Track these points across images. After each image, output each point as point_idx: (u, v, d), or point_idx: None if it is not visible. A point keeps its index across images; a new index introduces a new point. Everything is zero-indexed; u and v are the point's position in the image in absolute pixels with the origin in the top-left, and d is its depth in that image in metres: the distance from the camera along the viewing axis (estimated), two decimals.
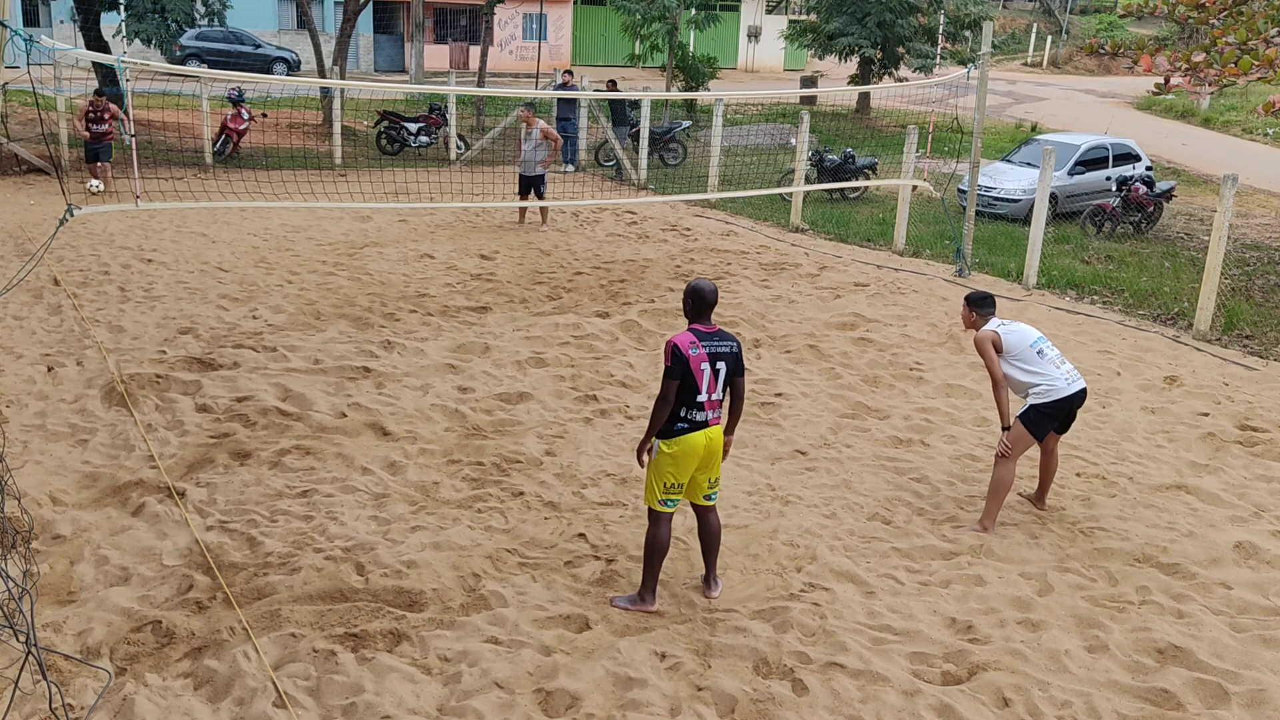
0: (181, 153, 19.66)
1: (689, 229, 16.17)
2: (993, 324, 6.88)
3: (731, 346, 5.65)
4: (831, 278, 13.26)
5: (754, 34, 48.90)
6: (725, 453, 5.77)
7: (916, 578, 6.16)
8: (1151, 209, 17.41)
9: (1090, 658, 5.42)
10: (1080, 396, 6.83)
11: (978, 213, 15.25)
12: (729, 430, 5.78)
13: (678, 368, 5.43)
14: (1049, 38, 53.06)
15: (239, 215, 15.38)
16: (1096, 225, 17.05)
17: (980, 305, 6.97)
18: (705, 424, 5.54)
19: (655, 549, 5.67)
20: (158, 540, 6.22)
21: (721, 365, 5.55)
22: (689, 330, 5.61)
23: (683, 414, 5.49)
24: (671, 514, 5.68)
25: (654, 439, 5.58)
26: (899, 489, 7.33)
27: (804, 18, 35.16)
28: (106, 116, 16.56)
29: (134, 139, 10.57)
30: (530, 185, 15.51)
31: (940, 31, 31.42)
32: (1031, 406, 6.75)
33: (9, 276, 9.95)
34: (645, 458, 5.66)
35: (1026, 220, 14.92)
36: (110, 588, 5.70)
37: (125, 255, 12.75)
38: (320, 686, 4.94)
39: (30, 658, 2.89)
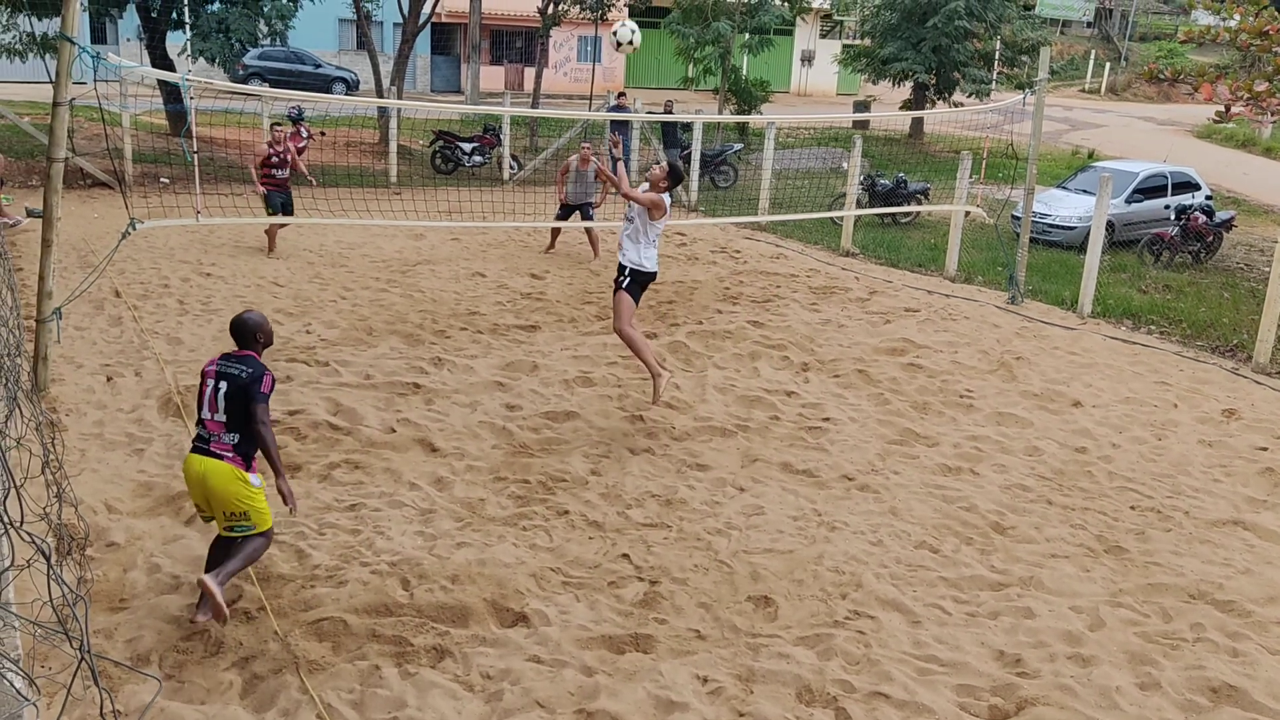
0: (242, 169, 20.02)
1: (739, 251, 16.16)
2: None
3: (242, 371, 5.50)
4: (882, 303, 13.18)
5: (807, 58, 48.92)
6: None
7: (964, 608, 6.07)
8: (1211, 238, 17.12)
9: (1142, 695, 5.31)
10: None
11: (1032, 240, 15.09)
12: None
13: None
14: (1107, 64, 52.52)
15: (295, 231, 15.62)
16: (1154, 254, 16.80)
17: (675, 177, 8.49)
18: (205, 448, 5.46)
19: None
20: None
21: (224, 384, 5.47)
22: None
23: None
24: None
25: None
26: (947, 518, 7.24)
27: (858, 42, 35.06)
28: (289, 156, 14.27)
29: (197, 155, 10.78)
30: (574, 211, 15.02)
31: (996, 57, 31.21)
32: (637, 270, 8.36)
33: (72, 288, 10.18)
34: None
35: (1082, 248, 14.74)
36: (161, 596, 5.79)
37: (185, 269, 13.00)
38: (364, 700, 4.98)
39: (83, 663, 2.94)
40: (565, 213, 15.12)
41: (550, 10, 27.11)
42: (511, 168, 22.43)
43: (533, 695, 5.04)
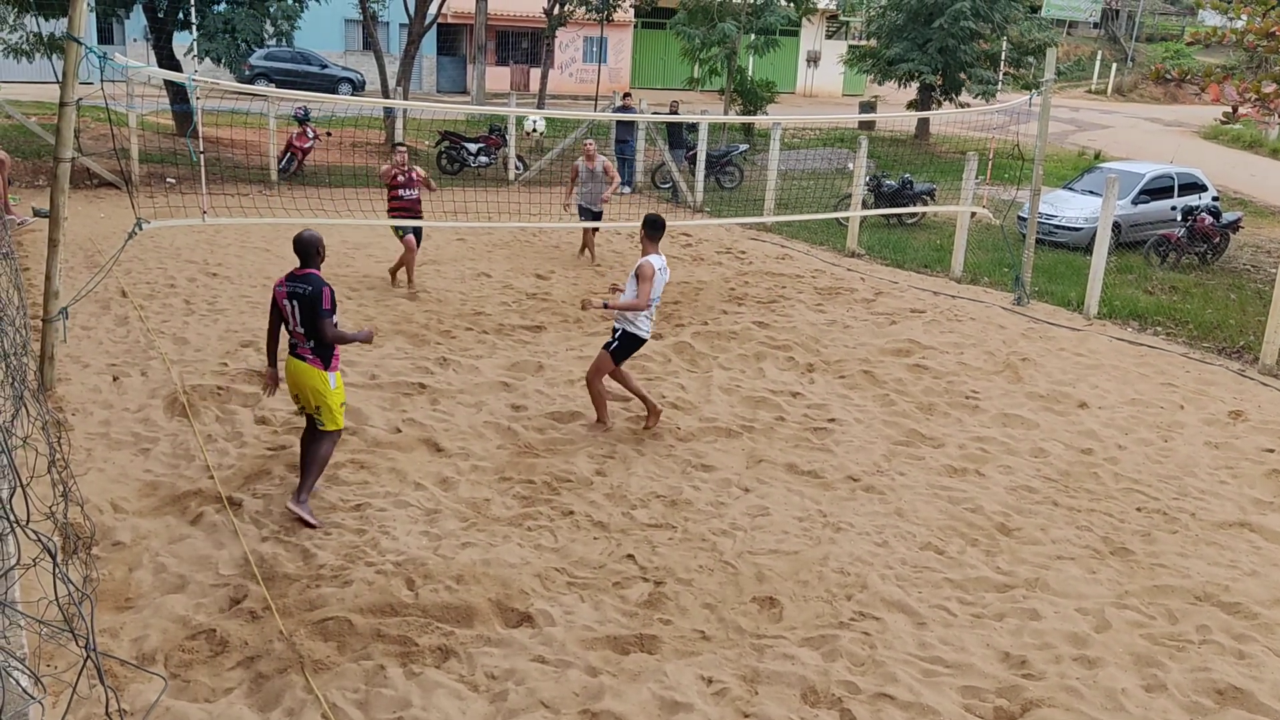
0: (248, 169, 20.06)
1: (744, 252, 16.15)
2: (657, 258, 8.46)
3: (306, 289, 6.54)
4: (887, 303, 13.17)
5: (813, 59, 48.90)
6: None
7: (969, 610, 6.06)
8: (1217, 240, 17.08)
9: (1148, 697, 5.30)
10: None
11: (1038, 241, 15.07)
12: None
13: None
14: (1114, 65, 52.42)
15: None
16: (1161, 255, 16.77)
17: (652, 228, 8.63)
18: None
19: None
20: (214, 550, 6.32)
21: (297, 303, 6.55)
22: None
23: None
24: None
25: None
26: (953, 519, 7.23)
27: (864, 43, 35.03)
28: (416, 178, 12.56)
29: (202, 155, 10.80)
30: (592, 218, 14.70)
31: (1002, 58, 31.18)
32: (628, 334, 8.37)
33: (79, 287, 10.20)
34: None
35: (1088, 249, 14.71)
36: (167, 595, 5.80)
37: (191, 269, 13.03)
38: (368, 700, 4.98)
39: (89, 662, 2.94)
40: (587, 218, 14.74)
41: (556, 11, 27.11)
42: (517, 168, 22.45)
43: (537, 695, 5.04)
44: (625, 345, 8.45)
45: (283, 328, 6.78)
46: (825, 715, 5.04)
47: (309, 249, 6.61)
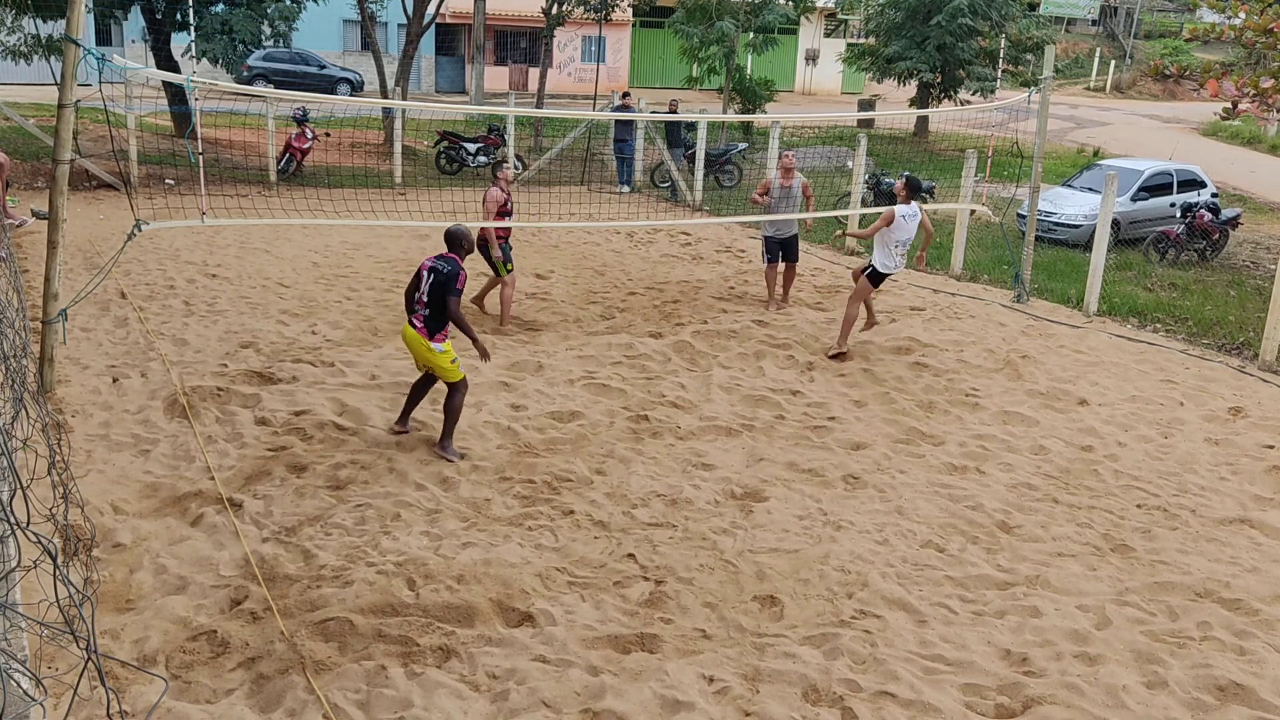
0: (247, 170, 20.06)
1: (743, 250, 16.14)
2: (905, 206, 10.39)
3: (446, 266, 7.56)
4: (887, 301, 13.16)
5: (812, 57, 48.89)
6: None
7: (970, 607, 6.07)
8: (1217, 236, 17.08)
9: (1149, 694, 5.30)
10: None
11: (1037, 238, 15.07)
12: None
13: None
14: (1112, 62, 52.42)
15: (301, 232, 15.65)
16: (1160, 252, 16.77)
17: (912, 188, 10.59)
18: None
19: (412, 387, 8.25)
20: (215, 551, 6.32)
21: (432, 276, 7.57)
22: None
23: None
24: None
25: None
26: (953, 517, 7.23)
27: (862, 41, 35.03)
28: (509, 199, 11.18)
29: (201, 156, 10.80)
30: (783, 248, 12.52)
31: (1001, 55, 31.18)
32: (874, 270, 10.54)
33: (78, 289, 10.20)
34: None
35: (1087, 246, 14.71)
36: (167, 596, 5.80)
37: (190, 270, 13.02)
38: (369, 700, 4.98)
39: (89, 664, 2.94)
40: (774, 250, 12.54)
41: (554, 10, 27.11)
42: (516, 168, 22.45)
43: (539, 695, 5.04)
44: (872, 277, 10.67)
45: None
46: (827, 714, 5.04)
47: (455, 239, 7.74)
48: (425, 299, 7.61)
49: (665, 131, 22.49)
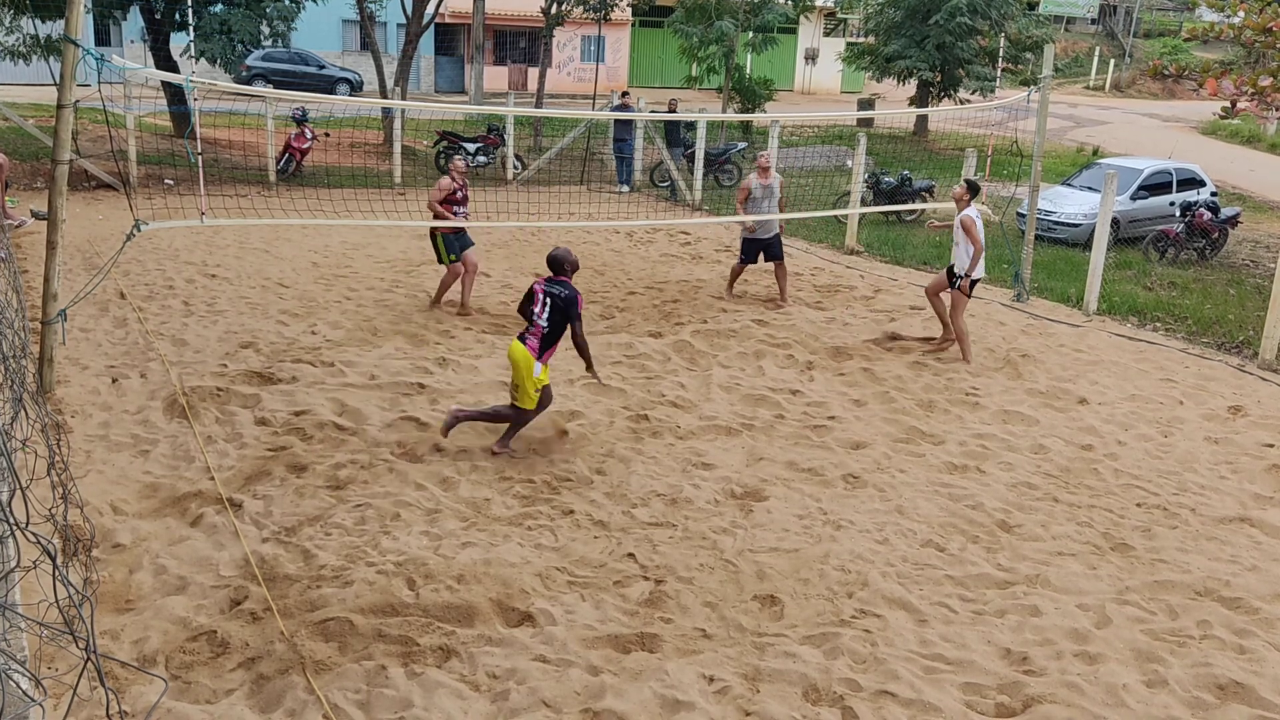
0: (246, 170, 20.05)
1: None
2: (972, 210, 10.56)
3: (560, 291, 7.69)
4: (886, 300, 13.16)
5: (811, 56, 48.88)
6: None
7: (970, 606, 6.06)
8: (1216, 235, 17.08)
9: (1149, 693, 5.30)
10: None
11: (1037, 237, 15.05)
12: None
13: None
14: (1112, 61, 52.42)
15: (300, 232, 15.64)
16: (1160, 251, 16.77)
17: (973, 190, 10.93)
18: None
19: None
20: (215, 551, 6.32)
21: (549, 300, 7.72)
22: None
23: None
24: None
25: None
26: (954, 516, 7.23)
27: (862, 40, 35.02)
28: (468, 192, 11.63)
29: (200, 157, 10.80)
30: (765, 249, 12.78)
31: (1000, 54, 31.18)
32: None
33: (77, 289, 10.20)
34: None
35: (1087, 245, 14.71)
36: (167, 597, 5.80)
37: (189, 270, 13.02)
38: (370, 700, 4.98)
39: (89, 664, 2.94)
40: (752, 251, 12.82)
41: (553, 10, 27.10)
42: (515, 167, 22.45)
43: (539, 695, 5.04)
44: (968, 286, 10.73)
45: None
46: (827, 713, 5.04)
47: (559, 263, 7.81)
48: (544, 324, 7.72)
49: (664, 131, 22.49)
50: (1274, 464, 8.36)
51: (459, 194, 11.42)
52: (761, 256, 12.79)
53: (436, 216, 11.40)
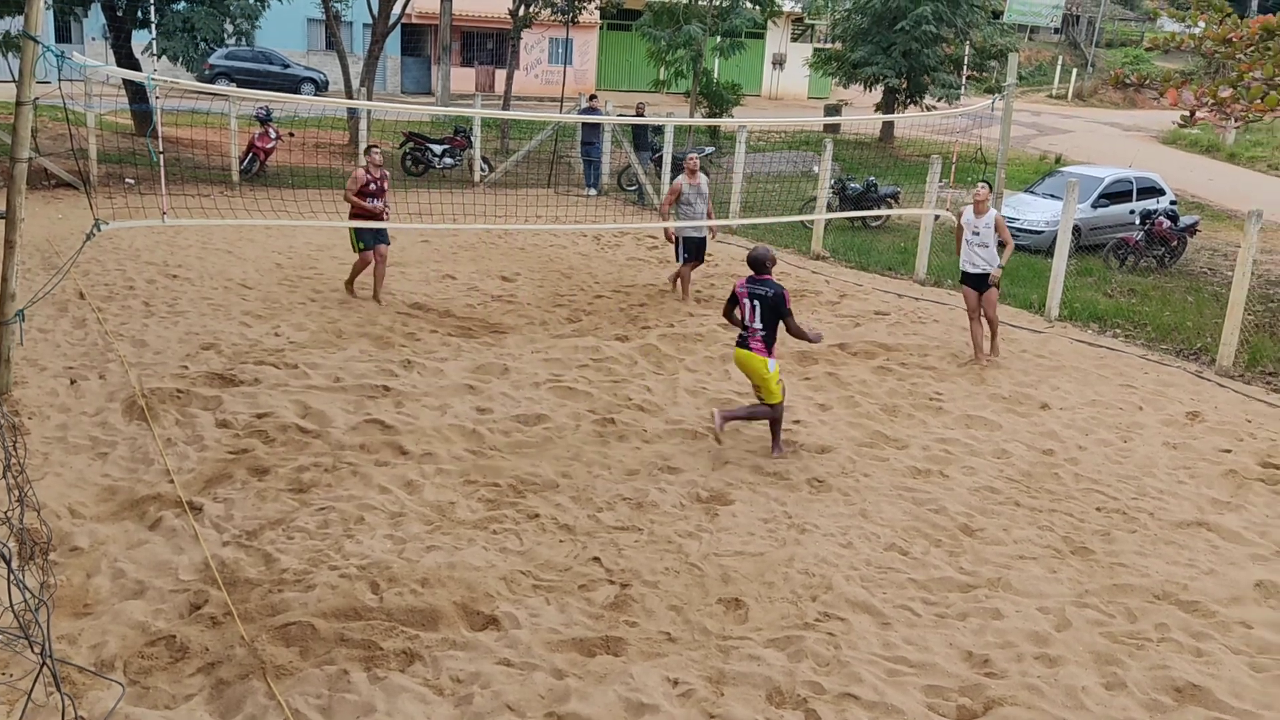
0: (209, 170, 19.86)
1: (710, 254, 16.16)
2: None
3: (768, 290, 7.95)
4: (852, 306, 13.24)
5: (779, 62, 49.11)
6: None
7: (933, 610, 6.11)
8: (1175, 243, 17.33)
9: (1108, 695, 5.36)
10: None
11: None
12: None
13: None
14: (1074, 70, 53.05)
15: (264, 233, 15.51)
16: (1120, 259, 16.99)
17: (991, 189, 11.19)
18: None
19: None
20: (174, 555, 6.24)
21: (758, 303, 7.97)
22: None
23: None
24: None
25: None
26: (916, 520, 7.28)
27: (829, 46, 35.23)
28: (385, 183, 11.99)
29: (162, 156, 10.68)
30: (698, 247, 13.12)
31: (965, 62, 31.48)
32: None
33: (36, 289, 10.05)
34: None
35: (1049, 252, 14.88)
36: (126, 601, 5.72)
37: (150, 270, 12.87)
38: (332, 705, 4.94)
39: (45, 669, 2.90)
40: (691, 249, 13.06)
41: (521, 12, 27.06)
42: (482, 169, 22.38)
43: (503, 699, 5.02)
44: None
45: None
46: (790, 715, 5.05)
47: (761, 263, 8.04)
48: (759, 326, 7.99)
49: (632, 134, 22.51)
50: (1230, 469, 8.49)
51: (372, 186, 11.74)
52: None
53: (352, 208, 11.78)
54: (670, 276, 13.58)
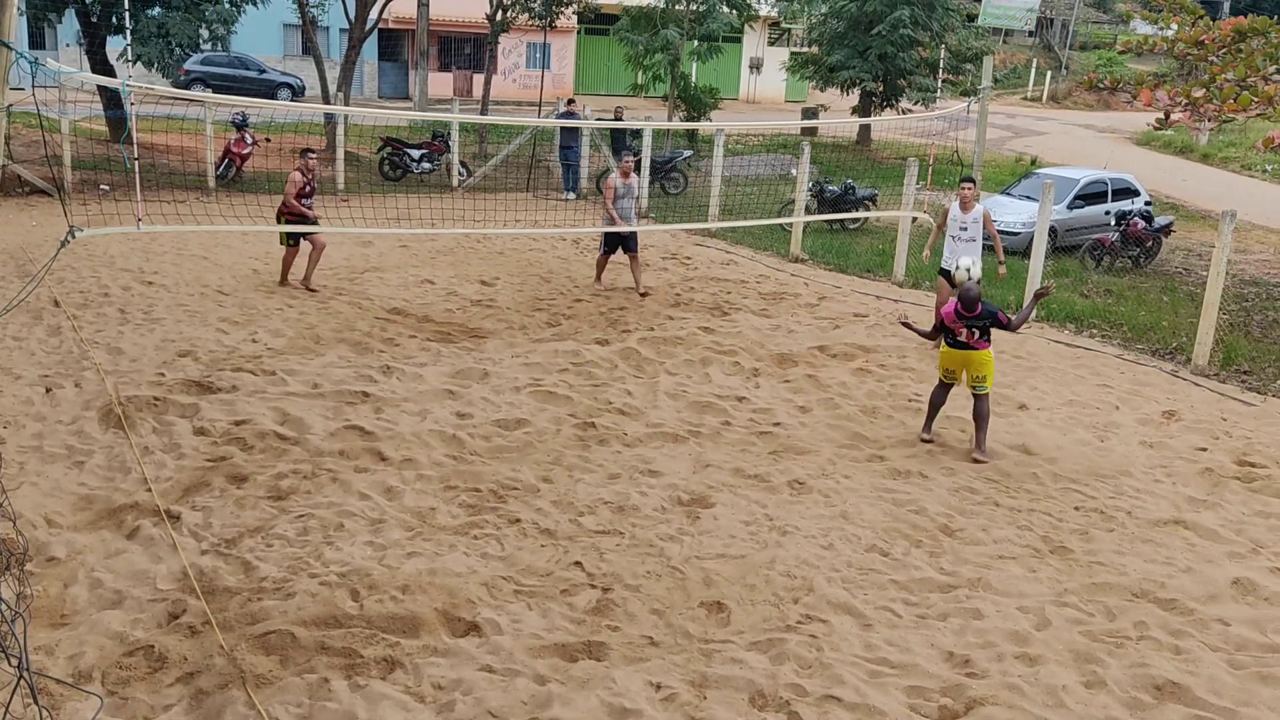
0: (184, 176, 19.73)
1: (689, 258, 16.20)
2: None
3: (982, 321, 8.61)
4: (831, 308, 13.28)
5: (756, 65, 49.23)
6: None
7: (914, 610, 6.13)
8: (1150, 244, 17.46)
9: (1088, 693, 5.39)
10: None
11: None
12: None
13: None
14: (1049, 73, 53.42)
15: (240, 239, 15.42)
16: (1095, 259, 17.10)
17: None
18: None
19: (931, 401, 9.00)
20: (152, 564, 6.19)
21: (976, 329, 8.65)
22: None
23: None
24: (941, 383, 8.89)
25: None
26: (897, 521, 7.30)
27: (806, 50, 35.39)
28: (315, 186, 12.93)
29: (137, 162, 10.60)
30: (623, 241, 13.59)
31: (941, 65, 31.67)
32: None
33: (9, 297, 9.96)
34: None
35: (1025, 253, 14.97)
36: (103, 611, 5.67)
37: (126, 277, 12.77)
38: (312, 714, 4.91)
39: (22, 681, 2.87)
40: (613, 242, 13.66)
41: (499, 17, 27.03)
42: (460, 174, 22.33)
43: (485, 705, 5.01)
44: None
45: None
46: (773, 718, 5.06)
47: (973, 303, 8.51)
48: (983, 340, 8.65)
49: (610, 139, 22.51)
50: (1207, 467, 8.56)
51: (308, 188, 12.69)
52: (621, 249, 13.65)
53: (286, 209, 12.60)
54: (598, 274, 14.14)
